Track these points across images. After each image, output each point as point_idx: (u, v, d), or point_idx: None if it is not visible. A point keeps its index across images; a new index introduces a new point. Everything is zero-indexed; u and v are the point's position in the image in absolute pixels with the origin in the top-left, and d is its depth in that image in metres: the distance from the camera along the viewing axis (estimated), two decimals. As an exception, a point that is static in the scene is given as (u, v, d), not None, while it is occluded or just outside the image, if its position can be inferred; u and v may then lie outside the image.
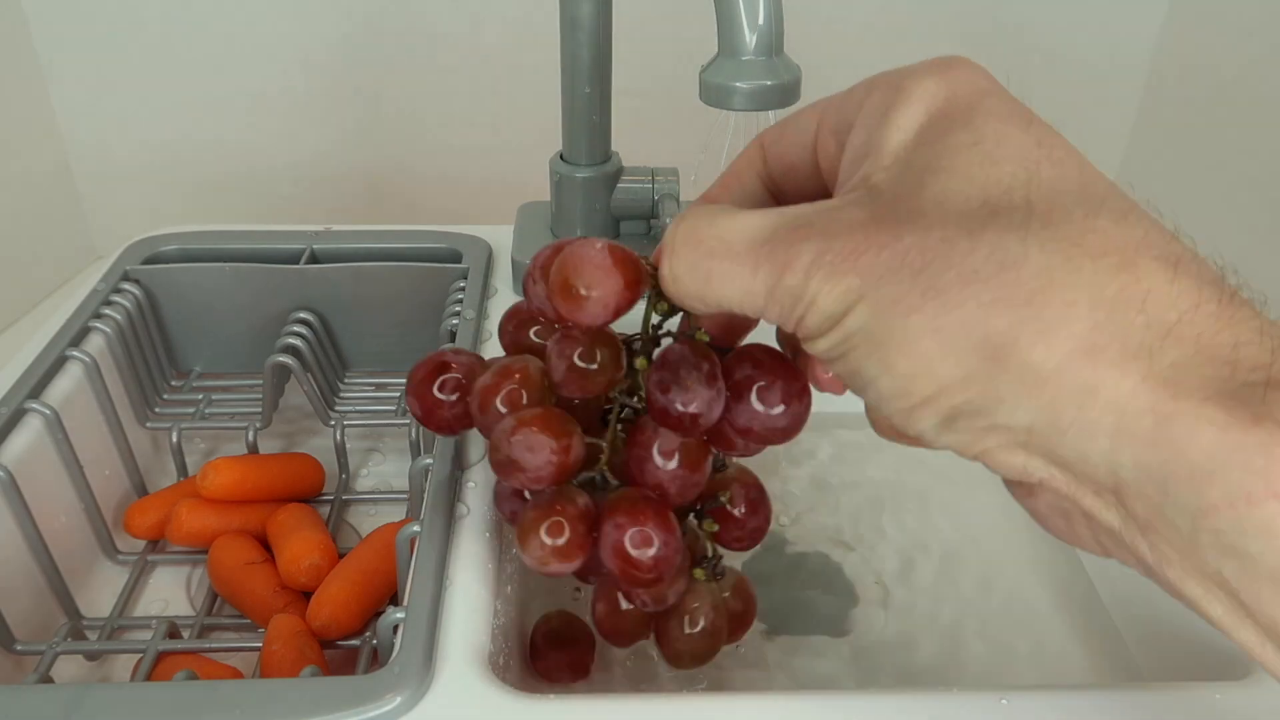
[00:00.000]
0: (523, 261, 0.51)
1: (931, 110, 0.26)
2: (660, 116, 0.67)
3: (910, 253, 0.23)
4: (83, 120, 0.78)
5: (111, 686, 0.33)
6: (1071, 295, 0.22)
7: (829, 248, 0.24)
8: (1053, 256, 0.22)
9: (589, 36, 0.46)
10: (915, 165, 0.25)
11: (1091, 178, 0.24)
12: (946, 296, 0.22)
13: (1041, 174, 0.24)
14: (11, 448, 0.41)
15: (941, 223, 0.23)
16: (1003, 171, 0.24)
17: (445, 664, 0.31)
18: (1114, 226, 0.23)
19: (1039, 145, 0.25)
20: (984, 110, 0.25)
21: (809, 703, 0.31)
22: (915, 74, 0.26)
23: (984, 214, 0.23)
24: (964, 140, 0.25)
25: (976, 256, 0.23)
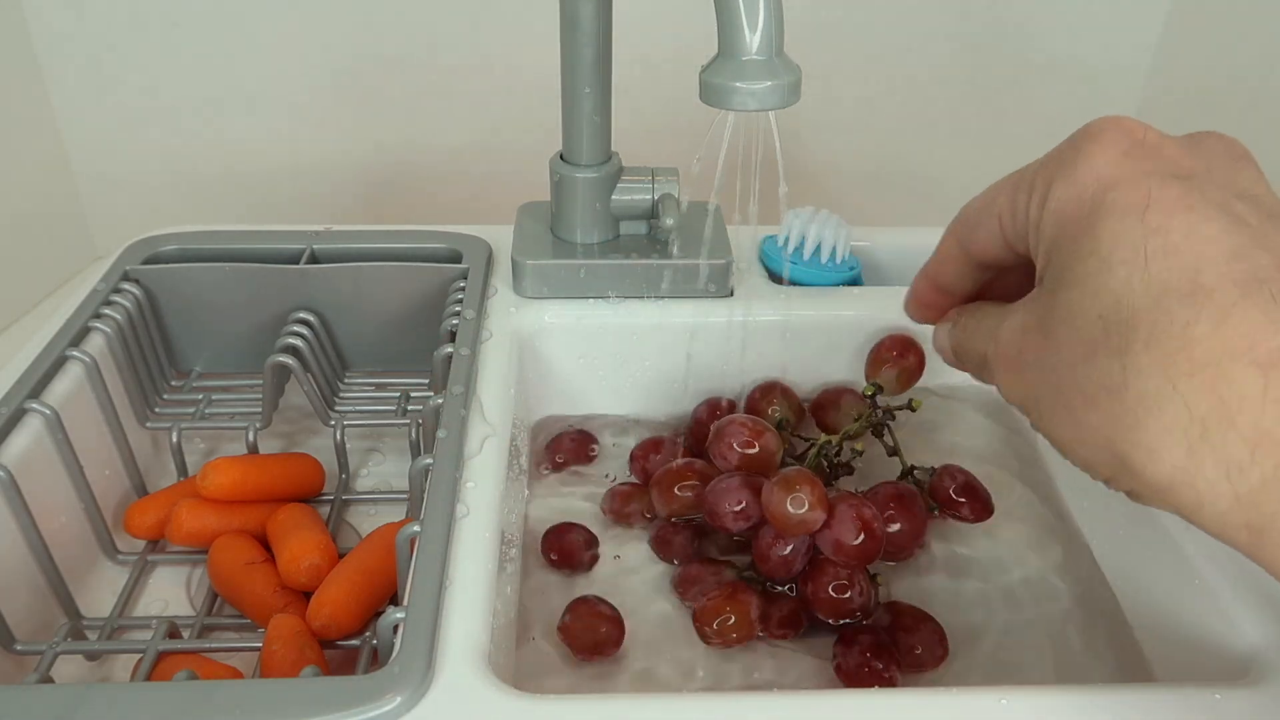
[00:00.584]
0: (523, 262, 0.51)
1: (1062, 217, 0.28)
2: (660, 116, 0.67)
3: (1049, 373, 0.27)
4: (83, 120, 0.78)
5: (111, 686, 0.33)
6: (1168, 420, 0.24)
7: (998, 356, 0.31)
8: (1149, 381, 0.24)
9: (589, 36, 0.46)
10: (1054, 274, 0.28)
11: (1207, 260, 0.25)
12: (1078, 416, 0.26)
13: (1151, 272, 0.25)
14: (11, 448, 0.41)
15: (1070, 342, 0.27)
16: (1116, 279, 0.26)
17: (445, 664, 0.31)
18: (1213, 332, 0.24)
19: (1153, 234, 0.26)
20: (1105, 209, 0.27)
21: (809, 702, 0.31)
22: (1049, 176, 0.29)
23: (1098, 332, 0.26)
24: (1085, 248, 0.27)
25: (1091, 382, 0.26)
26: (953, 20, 0.78)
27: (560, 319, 0.51)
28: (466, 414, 0.42)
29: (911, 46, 0.79)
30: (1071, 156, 0.28)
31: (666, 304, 0.51)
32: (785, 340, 0.51)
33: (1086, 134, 0.29)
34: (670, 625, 0.41)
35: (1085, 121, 0.30)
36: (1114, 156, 0.28)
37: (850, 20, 0.77)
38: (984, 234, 0.32)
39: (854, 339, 0.51)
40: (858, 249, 0.55)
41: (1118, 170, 0.27)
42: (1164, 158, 0.28)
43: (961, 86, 0.81)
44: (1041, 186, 0.29)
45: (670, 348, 0.51)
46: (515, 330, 0.49)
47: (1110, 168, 0.27)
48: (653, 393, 0.53)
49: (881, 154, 0.84)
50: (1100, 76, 0.80)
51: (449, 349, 0.46)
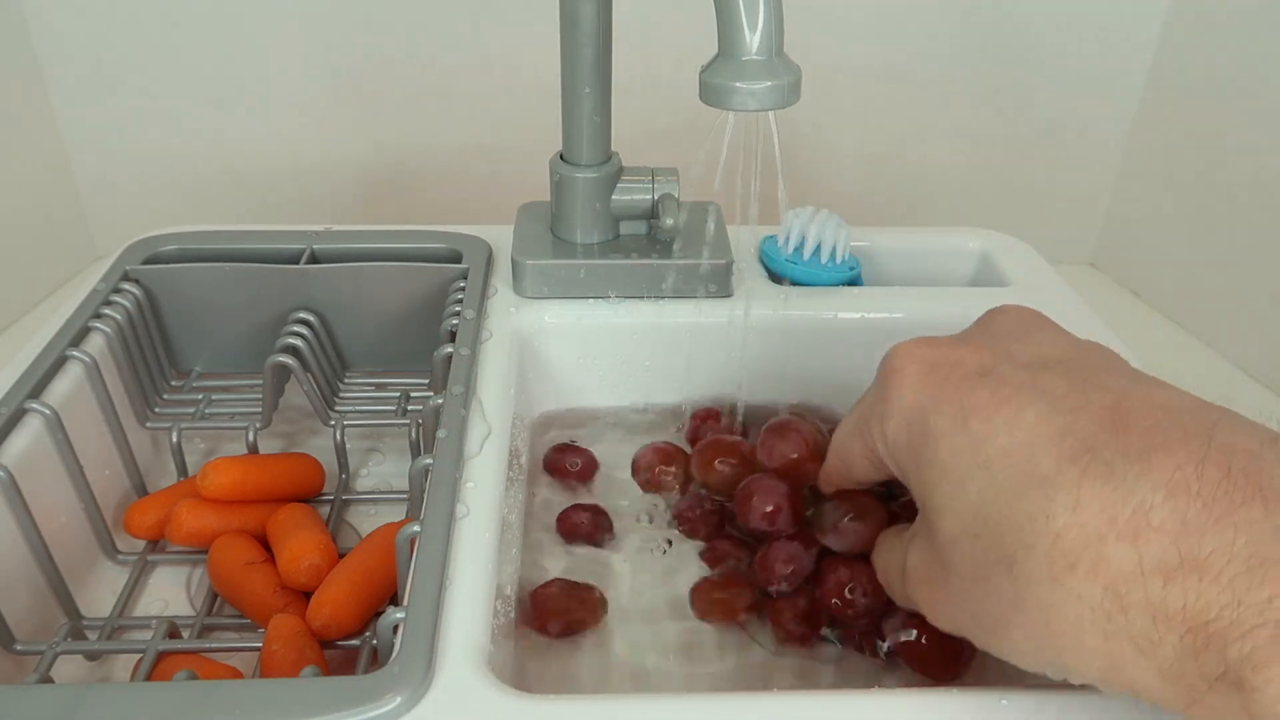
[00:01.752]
0: (523, 262, 0.51)
1: (903, 453, 0.30)
2: (660, 116, 0.67)
3: (959, 600, 0.28)
4: (83, 120, 0.78)
5: (111, 686, 0.33)
6: (1074, 616, 0.24)
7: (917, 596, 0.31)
8: (1039, 587, 0.25)
9: (589, 36, 0.46)
10: (923, 503, 0.29)
11: (1038, 449, 0.26)
12: (1001, 636, 0.27)
13: (997, 479, 0.26)
14: (11, 448, 0.41)
15: (963, 569, 0.27)
16: (969, 496, 0.27)
17: (445, 664, 0.31)
18: (1073, 519, 0.24)
19: (982, 442, 0.27)
20: (932, 434, 0.28)
21: (808, 702, 0.31)
22: (878, 417, 0.31)
23: (980, 552, 0.26)
24: (933, 477, 0.28)
25: (996, 603, 0.26)
26: (953, 20, 0.78)
27: (560, 319, 0.51)
28: (466, 414, 0.42)
29: (912, 46, 0.79)
30: (884, 395, 0.31)
31: (666, 304, 0.51)
32: (785, 340, 0.51)
33: (888, 370, 0.31)
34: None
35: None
36: (916, 383, 0.29)
37: (850, 20, 0.77)
38: (859, 468, 0.34)
39: (854, 339, 0.51)
40: (858, 249, 0.55)
41: (926, 394, 0.29)
42: (961, 365, 0.29)
43: (961, 86, 0.81)
44: (876, 428, 0.31)
45: (670, 348, 0.51)
46: (515, 330, 0.49)
47: (919, 393, 0.29)
48: (652, 392, 0.53)
49: (881, 154, 0.84)
50: (1100, 76, 0.80)
51: (449, 349, 0.46)
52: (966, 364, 0.29)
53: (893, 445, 0.30)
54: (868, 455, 0.33)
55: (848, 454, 0.35)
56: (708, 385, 0.52)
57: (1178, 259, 0.77)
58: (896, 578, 0.33)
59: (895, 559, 0.33)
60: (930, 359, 0.30)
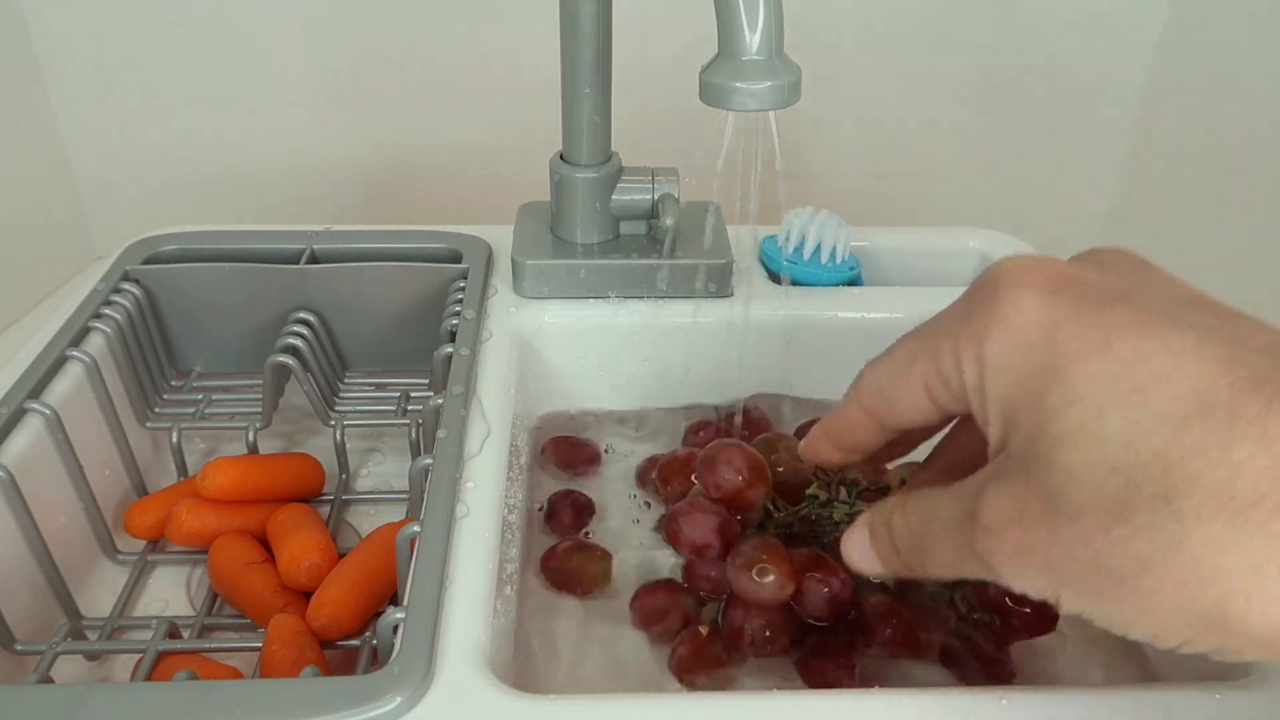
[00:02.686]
0: (523, 262, 0.51)
1: (1012, 374, 0.25)
2: (660, 116, 0.67)
3: (1075, 547, 0.23)
4: (83, 120, 0.78)
5: (111, 686, 0.33)
6: (1250, 559, 0.21)
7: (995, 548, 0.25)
8: (1211, 524, 0.21)
9: (589, 36, 0.46)
10: (1027, 437, 0.25)
11: (1203, 377, 0.22)
12: (1134, 585, 0.23)
13: (1154, 405, 0.23)
14: (11, 448, 0.41)
15: (1090, 507, 0.23)
16: (1114, 423, 0.23)
17: (445, 664, 0.31)
18: (1258, 451, 0.21)
19: (1132, 365, 0.23)
20: (1063, 353, 0.24)
21: (808, 702, 0.31)
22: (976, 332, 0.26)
23: (1121, 487, 0.23)
24: (1060, 400, 0.24)
25: (1139, 542, 0.22)
26: (953, 20, 0.78)
27: (560, 319, 0.51)
28: (466, 414, 0.42)
29: (912, 46, 0.79)
30: (991, 308, 0.26)
31: (666, 304, 0.51)
32: (785, 340, 0.51)
33: (999, 281, 0.26)
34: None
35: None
36: (1042, 297, 0.25)
37: (851, 20, 0.77)
38: (906, 404, 0.29)
39: (854, 339, 0.51)
40: (858, 249, 0.55)
41: (1054, 311, 0.25)
42: (1090, 284, 0.25)
43: (961, 86, 0.81)
44: (969, 346, 0.26)
45: (670, 347, 0.51)
46: (515, 330, 0.49)
47: (1044, 309, 0.25)
48: (652, 392, 0.53)
49: (881, 154, 0.84)
50: (1100, 76, 0.80)
51: (449, 349, 0.46)
52: (1097, 285, 0.25)
53: (992, 367, 0.26)
54: (934, 385, 0.28)
55: (894, 389, 0.29)
56: (708, 385, 0.52)
57: (1178, 259, 0.77)
58: (949, 534, 0.27)
59: (947, 509, 0.27)
60: (1054, 272, 0.26)
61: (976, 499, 0.26)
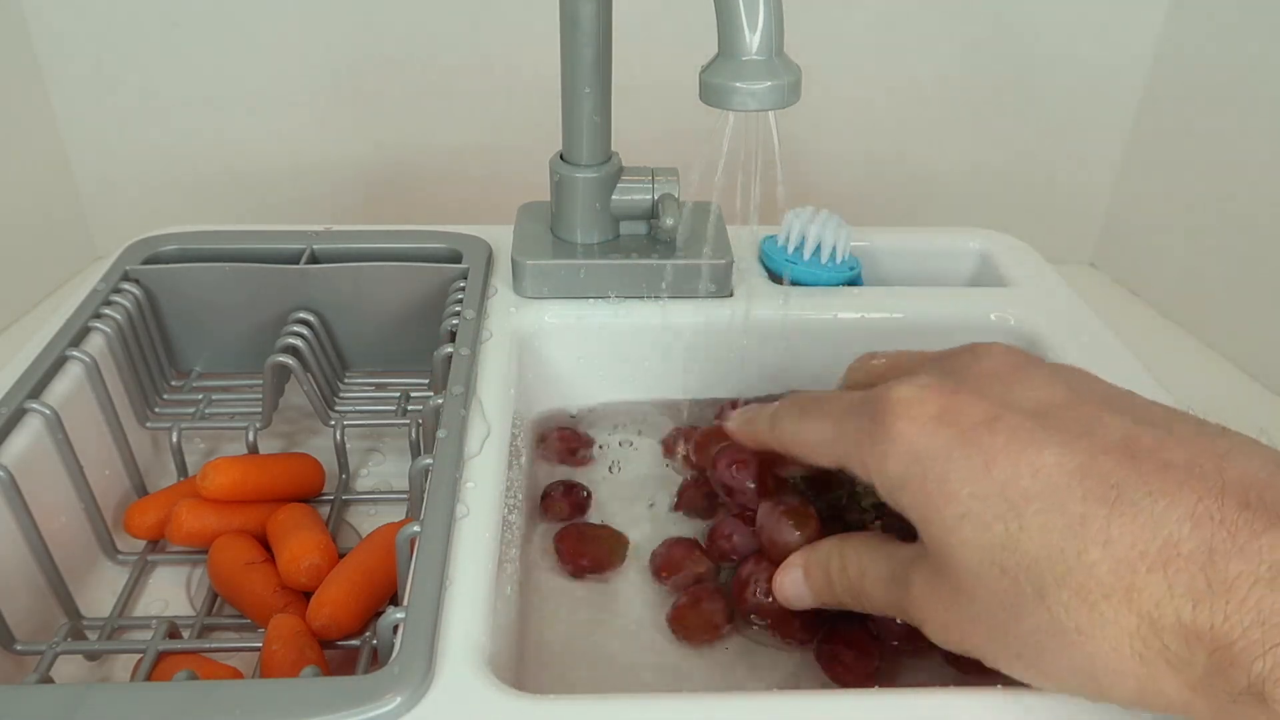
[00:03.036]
0: (523, 262, 0.51)
1: (914, 493, 0.30)
2: (660, 116, 0.67)
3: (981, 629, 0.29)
4: (83, 120, 0.78)
5: (111, 686, 0.33)
6: (1111, 642, 0.26)
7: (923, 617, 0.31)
8: (1077, 615, 0.27)
9: (589, 36, 0.46)
10: (935, 537, 0.30)
11: (1061, 488, 0.27)
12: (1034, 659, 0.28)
13: (1025, 519, 0.28)
14: (11, 448, 0.41)
15: (987, 601, 0.29)
16: (995, 534, 0.28)
17: (445, 664, 0.31)
18: (1105, 554, 0.26)
19: (1006, 486, 0.28)
20: (951, 478, 0.29)
21: (808, 702, 0.31)
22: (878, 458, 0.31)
23: (1009, 585, 0.28)
24: (953, 515, 0.29)
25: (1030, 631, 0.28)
26: (953, 20, 0.78)
27: (560, 319, 0.51)
28: (466, 414, 0.42)
29: (912, 46, 0.79)
30: (883, 434, 0.31)
31: (666, 304, 0.51)
32: (785, 340, 0.51)
33: (886, 414, 0.31)
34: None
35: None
36: (923, 431, 0.30)
37: (851, 20, 0.77)
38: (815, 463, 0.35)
39: (854, 339, 0.51)
40: (858, 249, 0.55)
41: (935, 442, 0.30)
42: (965, 413, 0.30)
43: (961, 86, 0.81)
44: (873, 463, 0.31)
45: (670, 348, 0.51)
46: (515, 330, 0.49)
47: (926, 441, 0.30)
48: (652, 392, 0.53)
49: (881, 154, 0.84)
50: (1100, 76, 0.80)
51: (449, 349, 0.46)
52: (971, 413, 0.30)
53: (892, 481, 0.31)
54: (837, 465, 0.34)
55: (807, 451, 0.35)
56: (708, 385, 0.52)
57: (1178, 259, 0.77)
58: (882, 590, 0.33)
59: (880, 570, 0.33)
60: (934, 409, 0.30)
61: (906, 577, 0.32)
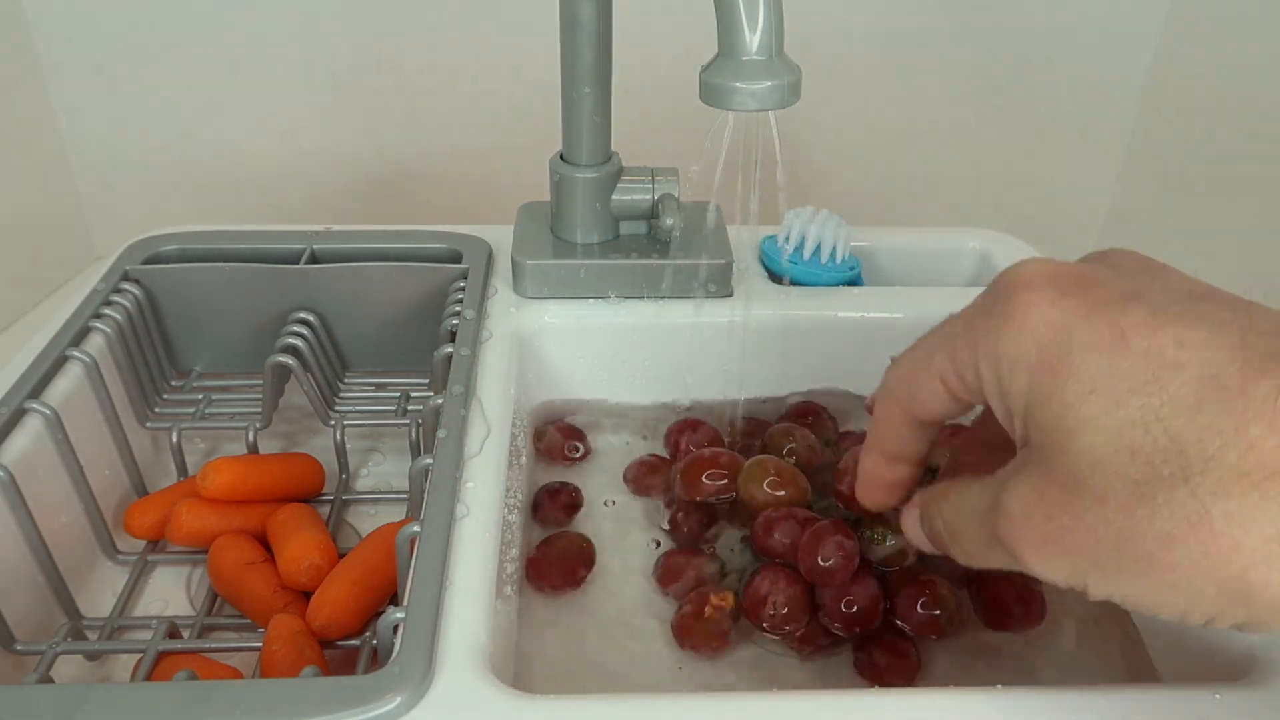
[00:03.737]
0: (523, 262, 0.51)
1: (1030, 370, 0.26)
2: (660, 116, 0.67)
3: (1099, 529, 0.25)
4: (83, 120, 0.78)
5: (111, 686, 0.33)
6: (1267, 531, 0.22)
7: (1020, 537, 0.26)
8: (1229, 499, 0.23)
9: (589, 36, 0.46)
10: (1047, 427, 0.26)
11: (1216, 363, 0.24)
12: (1161, 560, 0.24)
13: (1169, 392, 0.24)
14: (11, 448, 0.41)
15: (1108, 490, 0.24)
16: (1131, 410, 0.24)
17: (445, 664, 0.31)
18: (1270, 431, 0.23)
19: (1145, 357, 0.24)
20: (1079, 349, 0.25)
21: (809, 702, 0.31)
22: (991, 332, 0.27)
23: (1141, 468, 0.24)
24: (1078, 390, 0.25)
25: (1160, 521, 0.23)
26: (953, 20, 0.78)
27: (560, 319, 0.51)
28: (466, 414, 0.42)
29: (912, 46, 0.79)
30: (1006, 310, 0.27)
31: (666, 304, 0.51)
32: (785, 340, 0.51)
33: (1013, 284, 0.27)
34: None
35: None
36: (1054, 298, 0.27)
37: (850, 20, 0.77)
38: (927, 397, 0.31)
39: (854, 339, 0.51)
40: (858, 249, 0.55)
41: (1067, 312, 0.26)
42: (1105, 285, 0.27)
43: (961, 86, 0.81)
44: (986, 344, 0.28)
45: (670, 348, 0.51)
46: (515, 330, 0.49)
47: (1057, 311, 0.26)
48: (652, 392, 0.53)
49: (881, 154, 0.84)
50: (1100, 76, 0.80)
51: (449, 349, 0.46)
52: (1109, 286, 0.26)
53: (1009, 362, 0.27)
54: (950, 380, 0.29)
55: (916, 382, 0.31)
56: (708, 385, 0.52)
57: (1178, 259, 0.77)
58: (975, 525, 0.29)
59: (973, 503, 0.29)
60: (1067, 275, 0.27)
61: (1001, 492, 0.27)
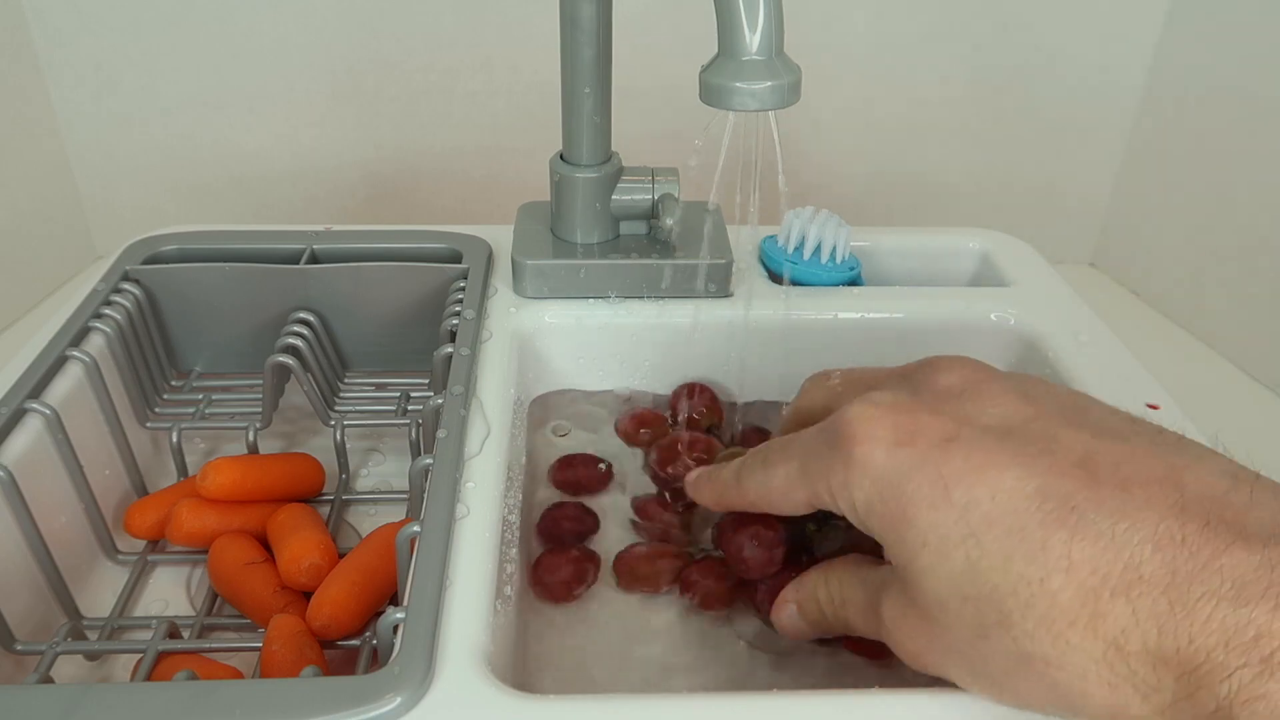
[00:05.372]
0: (523, 262, 0.51)
1: (877, 518, 0.30)
2: (660, 116, 0.67)
3: (952, 654, 0.29)
4: (83, 120, 0.78)
5: (111, 686, 0.33)
6: (1078, 669, 0.26)
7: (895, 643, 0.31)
8: (1041, 643, 0.26)
9: (589, 36, 0.46)
10: (900, 564, 0.30)
11: (1020, 513, 0.27)
12: (1006, 685, 0.28)
13: (985, 547, 0.27)
14: (11, 448, 0.41)
15: (953, 626, 0.28)
16: (957, 563, 0.28)
17: (445, 664, 0.31)
18: (1067, 580, 0.26)
19: (966, 512, 0.28)
20: (911, 503, 0.29)
21: (810, 702, 0.31)
22: (840, 484, 0.31)
23: (974, 614, 0.28)
24: (915, 542, 0.29)
25: (997, 658, 0.27)
26: (954, 20, 0.78)
27: (560, 319, 0.51)
28: (466, 414, 0.42)
29: (912, 46, 0.79)
30: (845, 461, 0.30)
31: (666, 304, 0.51)
32: (785, 340, 0.51)
33: (847, 438, 0.31)
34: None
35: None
36: (885, 451, 0.30)
37: (851, 20, 0.77)
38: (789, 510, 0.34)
39: (854, 339, 0.51)
40: (858, 249, 0.55)
41: (896, 462, 0.29)
42: (925, 432, 0.30)
43: (961, 86, 0.81)
44: (840, 492, 0.31)
45: (670, 348, 0.51)
46: (515, 330, 0.49)
47: (888, 463, 0.30)
48: (652, 392, 0.53)
49: (881, 154, 0.84)
50: (1100, 76, 0.80)
51: (449, 349, 0.46)
52: (930, 431, 0.30)
53: (863, 511, 0.31)
54: (811, 505, 0.33)
55: (782, 505, 0.35)
56: (707, 385, 0.52)
57: (1178, 259, 0.77)
58: (862, 618, 0.33)
59: (859, 597, 0.33)
60: (893, 428, 0.30)
61: (879, 602, 0.32)
